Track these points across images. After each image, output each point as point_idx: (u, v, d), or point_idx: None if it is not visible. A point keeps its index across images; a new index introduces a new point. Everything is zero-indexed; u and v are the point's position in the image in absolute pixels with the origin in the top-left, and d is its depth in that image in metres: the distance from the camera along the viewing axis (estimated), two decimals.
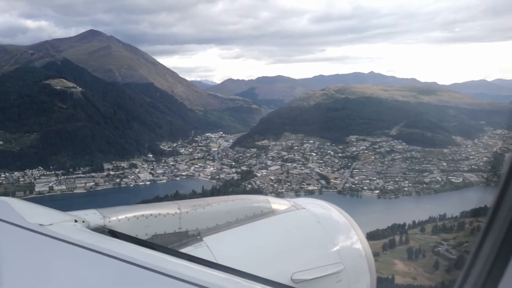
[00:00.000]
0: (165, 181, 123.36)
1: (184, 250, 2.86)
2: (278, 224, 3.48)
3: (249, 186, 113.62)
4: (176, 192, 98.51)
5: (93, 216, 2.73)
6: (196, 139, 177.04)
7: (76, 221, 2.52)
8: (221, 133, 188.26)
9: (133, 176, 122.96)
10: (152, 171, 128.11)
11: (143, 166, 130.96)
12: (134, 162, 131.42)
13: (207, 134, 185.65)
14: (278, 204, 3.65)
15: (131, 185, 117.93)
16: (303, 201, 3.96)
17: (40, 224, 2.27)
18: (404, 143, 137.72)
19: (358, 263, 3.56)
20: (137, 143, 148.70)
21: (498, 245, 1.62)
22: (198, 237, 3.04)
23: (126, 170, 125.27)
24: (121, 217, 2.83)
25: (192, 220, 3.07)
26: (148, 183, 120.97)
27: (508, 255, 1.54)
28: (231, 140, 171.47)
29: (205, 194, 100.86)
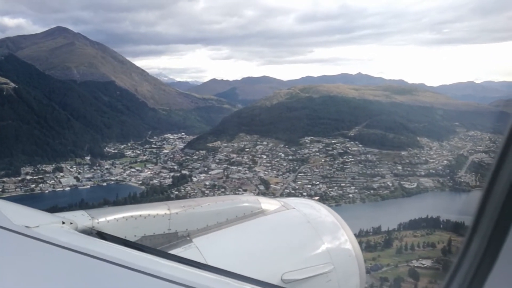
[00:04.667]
0: (89, 186, 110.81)
1: (173, 251, 2.84)
2: (268, 224, 3.49)
3: (176, 193, 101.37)
4: (82, 201, 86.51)
5: (81, 217, 2.69)
6: (151, 140, 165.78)
7: (63, 222, 2.44)
8: (183, 134, 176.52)
9: (53, 181, 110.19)
10: (78, 176, 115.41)
11: (70, 170, 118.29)
12: (62, 165, 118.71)
13: (166, 135, 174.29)
14: (268, 204, 3.65)
15: (46, 191, 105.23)
16: (293, 201, 3.94)
17: (27, 226, 2.18)
18: (360, 145, 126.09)
19: (348, 263, 3.57)
20: (75, 145, 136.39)
21: (484, 245, 1.60)
22: (188, 238, 3.02)
23: (48, 175, 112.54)
24: (110, 218, 2.80)
25: (181, 221, 3.04)
26: (68, 189, 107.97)
27: (494, 255, 1.53)
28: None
29: (117, 203, 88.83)
